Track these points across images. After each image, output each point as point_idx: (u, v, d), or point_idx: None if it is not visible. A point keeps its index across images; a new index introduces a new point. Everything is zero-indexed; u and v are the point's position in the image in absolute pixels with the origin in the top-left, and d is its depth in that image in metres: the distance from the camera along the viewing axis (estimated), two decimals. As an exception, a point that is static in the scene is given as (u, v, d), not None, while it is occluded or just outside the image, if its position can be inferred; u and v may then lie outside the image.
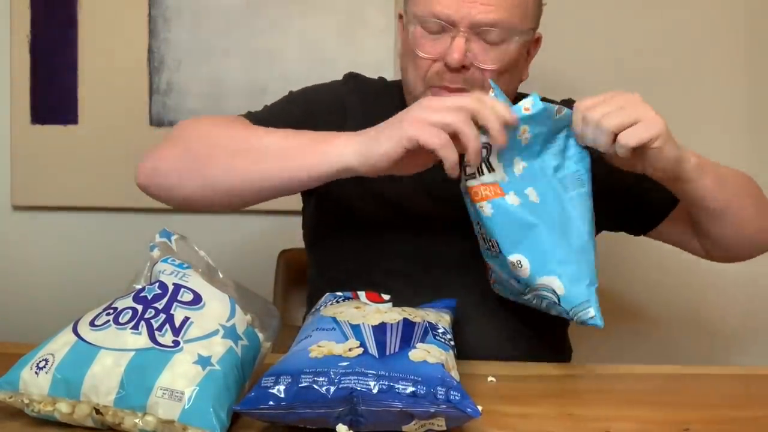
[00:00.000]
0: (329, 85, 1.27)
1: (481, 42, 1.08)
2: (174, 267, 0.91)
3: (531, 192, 1.00)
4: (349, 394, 0.77)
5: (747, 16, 1.76)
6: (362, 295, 1.02)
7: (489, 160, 0.98)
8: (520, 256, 0.99)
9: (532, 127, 0.99)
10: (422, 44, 1.10)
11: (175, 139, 1.11)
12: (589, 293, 0.99)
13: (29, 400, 0.81)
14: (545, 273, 0.99)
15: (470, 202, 1.01)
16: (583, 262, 1.00)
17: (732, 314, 1.82)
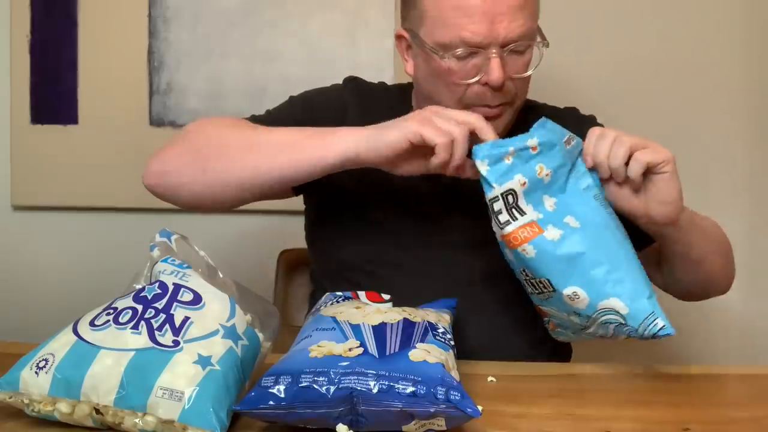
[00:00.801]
0: (329, 89, 1.28)
1: (512, 55, 1.10)
2: (174, 267, 0.91)
3: (570, 219, 1.00)
4: (349, 394, 0.77)
5: (747, 15, 1.76)
6: (362, 295, 1.02)
7: (518, 204, 0.99)
8: (575, 288, 0.99)
9: (547, 163, 1.00)
10: (456, 71, 1.09)
11: (183, 140, 1.13)
12: (652, 305, 0.98)
13: (29, 400, 0.81)
14: (603, 297, 0.98)
15: (510, 251, 1.01)
16: (637, 276, 1.00)
17: (732, 314, 1.82)
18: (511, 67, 1.10)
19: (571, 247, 0.98)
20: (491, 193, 1.00)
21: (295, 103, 1.26)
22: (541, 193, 1.01)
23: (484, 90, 1.10)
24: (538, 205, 1.00)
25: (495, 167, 0.99)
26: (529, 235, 0.99)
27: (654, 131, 1.78)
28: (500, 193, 0.99)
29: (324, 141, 1.05)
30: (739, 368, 1.26)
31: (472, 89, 1.10)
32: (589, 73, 1.73)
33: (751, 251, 1.80)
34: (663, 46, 1.76)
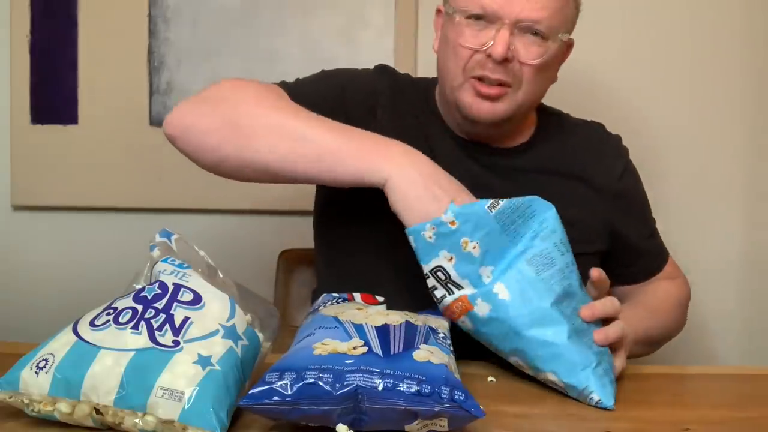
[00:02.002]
0: (362, 72, 1.27)
1: (525, 38, 1.11)
2: (174, 267, 0.91)
3: (500, 288, 0.97)
4: (354, 392, 0.77)
5: (748, 15, 1.76)
6: (357, 297, 1.02)
7: (452, 279, 0.98)
8: (516, 358, 0.99)
9: (470, 235, 0.97)
10: (465, 35, 1.12)
11: (218, 102, 1.09)
12: (587, 378, 0.94)
13: (29, 400, 0.81)
14: (540, 371, 0.97)
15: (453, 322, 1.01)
16: (572, 349, 0.95)
17: (732, 314, 1.82)
18: (521, 50, 1.11)
19: (499, 324, 0.97)
20: (425, 268, 1.00)
21: (328, 80, 1.23)
22: (477, 266, 0.98)
23: (487, 61, 1.11)
24: (474, 279, 0.98)
25: (419, 245, 0.99)
26: (461, 309, 0.98)
27: (654, 131, 1.79)
28: (429, 270, 0.99)
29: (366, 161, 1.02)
30: (739, 368, 1.27)
31: (476, 58, 1.12)
32: (589, 73, 1.73)
33: (751, 251, 1.80)
34: (663, 45, 1.76)
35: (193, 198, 1.75)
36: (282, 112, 1.07)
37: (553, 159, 1.24)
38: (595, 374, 0.94)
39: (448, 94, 1.18)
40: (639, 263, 1.31)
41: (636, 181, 1.33)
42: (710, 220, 1.79)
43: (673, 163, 1.77)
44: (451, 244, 0.97)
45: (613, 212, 1.25)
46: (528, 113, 1.23)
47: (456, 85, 1.15)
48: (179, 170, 1.75)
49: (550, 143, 1.26)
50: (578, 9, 1.19)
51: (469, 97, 1.15)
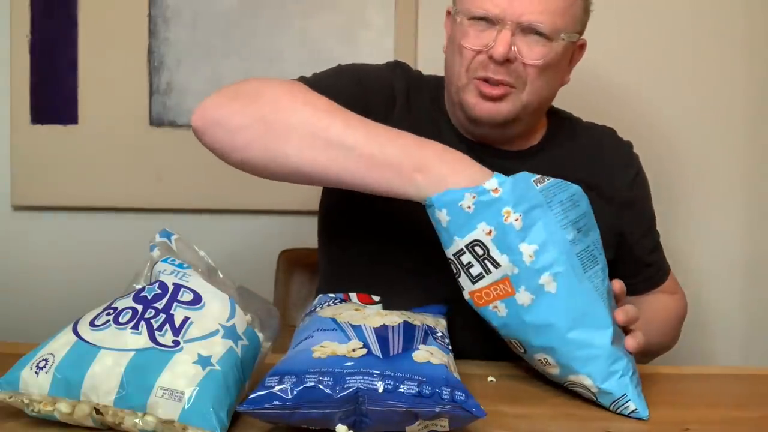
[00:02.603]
0: (378, 68, 1.26)
1: (527, 38, 1.11)
2: (174, 267, 0.91)
3: (546, 280, 0.90)
4: (354, 394, 0.77)
5: (749, 15, 1.76)
6: (353, 297, 1.02)
7: (490, 255, 0.91)
8: (546, 355, 0.93)
9: (514, 206, 0.90)
10: (469, 36, 1.13)
11: (250, 98, 1.03)
12: (624, 385, 0.90)
13: (29, 400, 0.81)
14: (572, 372, 0.92)
15: (478, 309, 0.94)
16: (613, 354, 0.91)
17: (732, 314, 1.82)
18: (524, 51, 1.11)
19: (541, 317, 0.90)
20: (453, 247, 0.92)
21: (345, 75, 1.21)
22: (517, 240, 0.90)
23: (489, 62, 1.12)
24: (514, 254, 0.90)
25: (454, 216, 0.91)
26: (500, 293, 0.91)
27: (654, 131, 1.79)
28: (464, 245, 0.91)
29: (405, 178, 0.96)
30: (739, 368, 1.27)
31: (479, 59, 1.13)
32: (589, 72, 1.73)
33: (751, 251, 1.80)
34: (664, 47, 1.76)
35: (193, 198, 1.75)
36: (317, 112, 1.01)
37: (563, 164, 1.24)
38: (632, 382, 0.91)
39: (454, 94, 1.18)
40: (641, 275, 1.31)
41: (646, 191, 1.32)
42: (711, 221, 1.79)
43: (674, 164, 1.77)
44: (492, 215, 0.90)
45: (620, 221, 1.25)
46: (536, 115, 1.22)
47: (460, 86, 1.16)
48: (179, 170, 1.75)
49: (560, 147, 1.26)
50: (588, 11, 1.18)
51: (473, 98, 1.15)
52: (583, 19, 1.18)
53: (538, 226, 0.90)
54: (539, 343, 0.92)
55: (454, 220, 0.91)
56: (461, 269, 0.93)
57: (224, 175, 1.73)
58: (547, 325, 0.90)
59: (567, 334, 0.90)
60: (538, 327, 0.91)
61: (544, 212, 0.91)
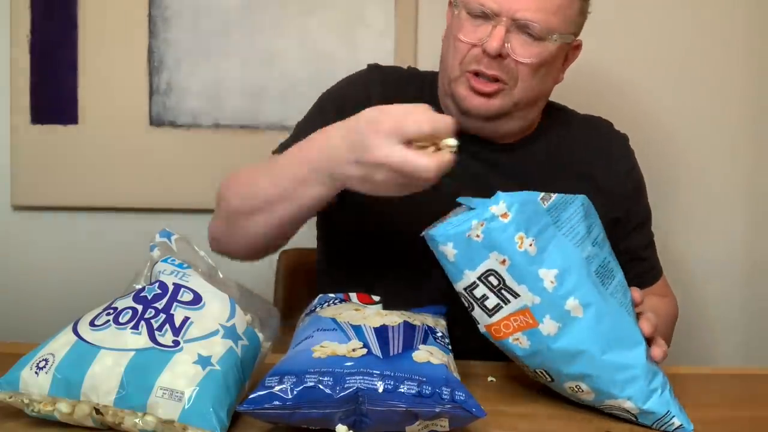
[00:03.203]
0: (354, 78, 1.29)
1: (521, 36, 1.12)
2: (174, 267, 0.91)
3: (573, 304, 0.84)
4: (354, 394, 0.77)
5: (749, 15, 1.76)
6: (353, 297, 1.02)
7: (507, 285, 0.85)
8: (579, 382, 0.87)
9: (527, 231, 0.85)
10: (464, 29, 1.15)
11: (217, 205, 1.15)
12: (666, 402, 0.87)
13: (29, 400, 0.81)
14: (610, 398, 0.87)
15: (495, 341, 0.89)
16: (649, 370, 0.87)
17: (732, 314, 1.82)
18: (517, 48, 1.12)
19: (571, 344, 0.85)
20: (463, 281, 0.86)
21: (327, 107, 1.25)
22: (535, 267, 0.84)
23: (483, 56, 1.13)
24: (533, 283, 0.84)
25: (462, 249, 0.85)
26: (521, 324, 0.85)
27: (654, 131, 1.79)
28: (477, 277, 0.85)
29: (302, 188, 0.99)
30: (739, 368, 1.27)
31: (473, 52, 1.14)
32: (591, 72, 1.73)
33: (751, 251, 1.81)
34: (664, 46, 1.76)
35: (193, 198, 1.75)
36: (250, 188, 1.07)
37: (557, 154, 1.24)
38: (672, 395, 0.88)
39: (446, 86, 1.20)
40: (633, 270, 1.27)
41: (641, 185, 1.32)
42: (711, 221, 1.79)
43: (674, 164, 1.77)
44: (504, 242, 0.84)
45: (614, 212, 1.25)
46: (529, 112, 1.22)
47: (453, 78, 1.17)
48: (179, 170, 1.75)
49: (555, 138, 1.26)
50: (585, 13, 1.19)
51: (464, 90, 1.16)
52: (579, 21, 1.18)
53: (552, 249, 0.85)
54: (571, 371, 0.87)
55: (463, 253, 0.85)
56: (475, 303, 0.87)
57: (224, 175, 1.74)
58: (578, 352, 0.85)
59: (602, 357, 0.85)
60: (568, 355, 0.86)
61: (554, 233, 0.86)
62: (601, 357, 0.85)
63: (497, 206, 0.84)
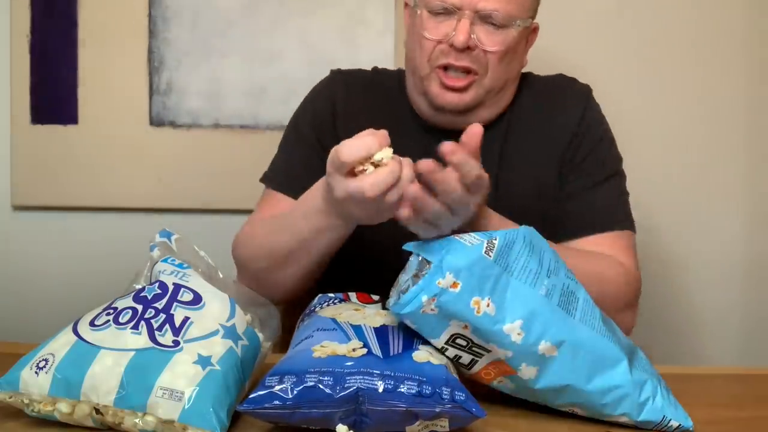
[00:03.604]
0: (317, 88, 1.32)
1: (485, 26, 1.15)
2: (174, 267, 0.91)
3: (546, 347, 0.84)
4: (354, 394, 0.77)
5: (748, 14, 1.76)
6: (353, 297, 1.02)
7: (476, 344, 0.84)
8: (572, 407, 0.88)
9: (481, 293, 0.82)
10: (428, 26, 1.16)
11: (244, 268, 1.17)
12: (660, 408, 0.87)
13: (29, 400, 0.81)
14: (606, 415, 0.87)
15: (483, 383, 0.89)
16: (637, 383, 0.87)
17: (732, 314, 1.82)
18: (483, 38, 1.15)
19: (554, 381, 0.85)
20: (434, 344, 0.85)
21: (300, 126, 1.28)
22: (499, 325, 0.82)
23: (451, 50, 1.15)
24: (502, 340, 0.83)
25: (421, 324, 0.83)
26: (501, 371, 0.85)
27: (654, 131, 1.79)
28: (444, 343, 0.84)
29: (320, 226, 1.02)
30: (739, 368, 1.26)
31: (439, 48, 1.16)
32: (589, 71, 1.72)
33: (751, 251, 1.80)
34: (664, 44, 1.76)
35: (193, 198, 1.75)
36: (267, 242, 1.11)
37: (519, 124, 1.24)
38: (665, 398, 0.88)
39: (417, 84, 1.21)
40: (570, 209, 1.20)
41: (596, 127, 1.25)
42: (710, 221, 1.79)
43: (674, 163, 1.77)
44: (461, 311, 0.82)
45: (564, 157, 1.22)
46: (500, 100, 1.23)
47: (423, 76, 1.19)
48: (179, 170, 1.75)
49: (519, 109, 1.26)
50: None
51: (436, 88, 1.18)
52: (534, 6, 1.21)
53: (510, 298, 0.83)
54: (561, 401, 0.88)
55: (422, 327, 0.84)
56: (451, 360, 0.86)
57: (224, 175, 1.74)
58: (562, 387, 0.86)
59: (586, 387, 0.86)
60: (553, 391, 0.86)
61: (507, 280, 0.84)
62: (586, 386, 0.86)
63: (444, 279, 0.81)
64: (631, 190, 1.28)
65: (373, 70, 1.35)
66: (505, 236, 0.86)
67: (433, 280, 0.81)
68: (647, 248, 1.78)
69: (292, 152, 1.28)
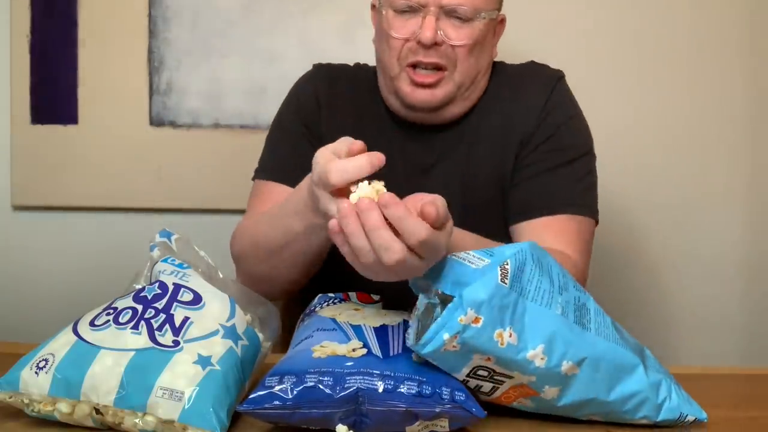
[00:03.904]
0: (300, 82, 1.33)
1: (450, 20, 1.15)
2: (174, 267, 0.91)
3: (567, 367, 0.83)
4: (354, 394, 0.77)
5: (748, 14, 1.76)
6: (353, 296, 1.02)
7: (498, 373, 0.82)
8: (591, 416, 0.88)
9: (502, 324, 0.80)
10: (395, 25, 1.17)
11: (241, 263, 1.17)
12: (676, 406, 0.87)
13: (29, 400, 0.81)
14: (626, 420, 0.88)
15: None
16: (654, 385, 0.87)
17: (732, 314, 1.82)
18: (450, 33, 1.15)
19: (576, 398, 0.85)
20: (456, 376, 0.83)
21: (286, 121, 1.28)
22: (522, 353, 0.81)
23: (419, 47, 1.15)
24: (525, 367, 0.81)
25: (444, 361, 0.81)
26: (522, 393, 0.84)
27: (654, 131, 1.79)
28: (466, 376, 0.82)
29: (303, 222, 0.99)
30: (739, 368, 1.26)
31: (407, 46, 1.16)
32: (589, 70, 1.73)
33: (751, 251, 1.80)
34: (663, 43, 1.76)
35: (193, 198, 1.75)
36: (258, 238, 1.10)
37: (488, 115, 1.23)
38: (679, 395, 0.89)
39: (388, 84, 1.21)
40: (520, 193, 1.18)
41: (559, 111, 1.21)
42: (710, 220, 1.79)
43: (674, 163, 1.77)
44: (484, 345, 0.79)
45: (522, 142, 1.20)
46: (471, 93, 1.22)
47: (394, 75, 1.19)
48: (179, 170, 1.75)
49: (488, 100, 1.24)
50: None
51: (407, 86, 1.18)
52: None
53: (529, 323, 0.82)
54: (582, 413, 0.87)
55: (444, 362, 0.81)
56: (471, 389, 0.84)
57: (224, 175, 1.74)
58: (585, 402, 0.85)
59: (608, 398, 0.85)
60: (576, 406, 0.86)
61: (524, 305, 0.82)
62: (607, 398, 0.85)
63: (465, 315, 0.78)
64: (630, 189, 1.28)
65: (354, 66, 1.36)
66: (515, 258, 0.83)
67: (454, 317, 0.78)
68: (647, 248, 1.78)
69: (280, 144, 1.28)
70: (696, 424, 0.88)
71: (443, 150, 1.23)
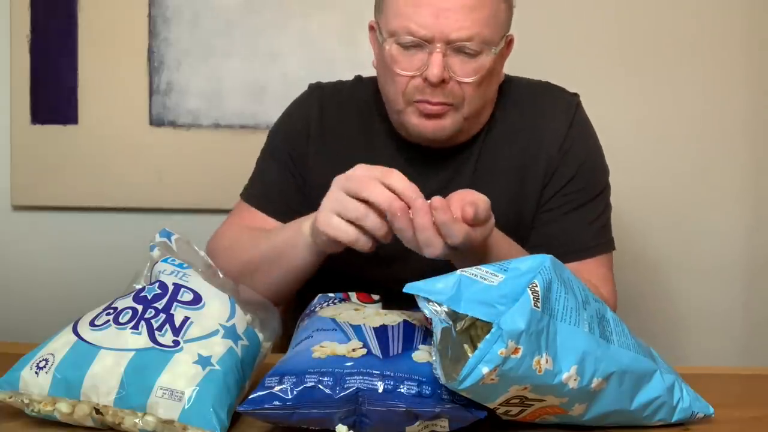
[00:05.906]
0: (292, 107, 1.30)
1: (458, 56, 1.09)
2: (174, 267, 0.91)
3: (596, 383, 0.81)
4: (354, 394, 0.77)
5: (748, 13, 1.76)
6: (353, 296, 1.02)
7: (530, 399, 0.80)
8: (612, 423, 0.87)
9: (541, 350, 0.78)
10: (399, 61, 1.11)
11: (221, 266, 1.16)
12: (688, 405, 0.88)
13: (29, 400, 0.81)
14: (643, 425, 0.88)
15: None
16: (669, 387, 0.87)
17: (732, 314, 1.82)
18: (457, 69, 1.09)
19: (601, 411, 0.84)
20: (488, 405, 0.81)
21: (275, 148, 1.27)
22: (558, 377, 0.79)
23: (425, 85, 1.10)
24: (560, 389, 0.79)
25: (479, 394, 0.78)
26: (549, 411, 0.83)
27: (654, 131, 1.79)
28: (498, 404, 0.80)
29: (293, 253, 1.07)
30: (739, 368, 1.26)
31: (413, 83, 1.11)
32: (589, 70, 1.73)
33: (751, 251, 1.81)
34: (663, 44, 1.76)
35: (193, 198, 1.76)
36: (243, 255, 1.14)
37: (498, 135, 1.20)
38: (689, 394, 0.89)
39: (394, 115, 1.17)
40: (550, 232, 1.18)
41: (581, 146, 1.20)
42: (710, 220, 1.79)
43: (674, 164, 1.77)
44: (523, 376, 0.77)
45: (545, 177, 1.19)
46: (479, 118, 1.19)
47: (399, 110, 1.14)
48: (179, 170, 1.75)
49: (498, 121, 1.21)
50: (511, 8, 1.15)
51: (415, 119, 1.13)
52: (509, 20, 1.15)
53: (561, 344, 0.79)
54: (602, 423, 0.86)
55: (478, 395, 0.78)
56: (496, 414, 0.83)
57: (224, 175, 1.74)
58: (609, 413, 0.85)
59: (631, 407, 0.85)
60: (599, 418, 0.85)
61: (555, 326, 0.80)
62: (630, 407, 0.85)
63: (506, 348, 0.75)
64: (631, 190, 1.28)
65: (354, 81, 1.31)
66: (542, 278, 0.80)
67: (494, 350, 0.75)
68: (647, 249, 1.78)
69: (266, 170, 1.27)
70: (703, 420, 0.89)
71: (453, 174, 1.20)
